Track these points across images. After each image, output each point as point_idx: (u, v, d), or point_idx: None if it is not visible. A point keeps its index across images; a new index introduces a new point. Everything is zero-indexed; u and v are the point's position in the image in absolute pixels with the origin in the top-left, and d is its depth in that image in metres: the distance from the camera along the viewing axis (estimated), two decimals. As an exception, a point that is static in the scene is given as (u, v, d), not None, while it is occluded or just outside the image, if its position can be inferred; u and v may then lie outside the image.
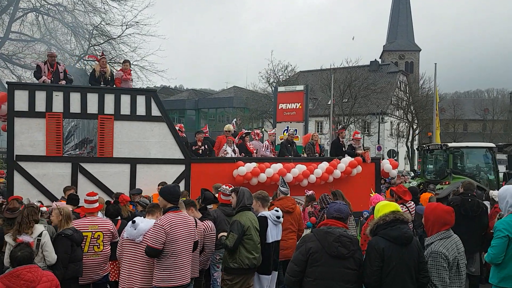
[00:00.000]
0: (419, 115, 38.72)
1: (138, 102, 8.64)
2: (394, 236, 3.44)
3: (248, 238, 4.74)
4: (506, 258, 4.06)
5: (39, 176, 8.09)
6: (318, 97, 40.73)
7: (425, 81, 40.78)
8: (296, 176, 9.24)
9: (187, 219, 4.54)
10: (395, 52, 63.76)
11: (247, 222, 4.75)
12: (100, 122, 8.38)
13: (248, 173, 8.87)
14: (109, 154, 8.48)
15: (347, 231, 3.50)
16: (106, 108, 8.46)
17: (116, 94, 8.55)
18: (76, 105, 8.31)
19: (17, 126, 8.01)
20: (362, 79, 35.94)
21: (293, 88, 27.10)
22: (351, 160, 9.83)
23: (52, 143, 8.13)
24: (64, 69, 9.06)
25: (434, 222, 3.70)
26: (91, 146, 8.58)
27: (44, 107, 8.14)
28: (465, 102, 62.15)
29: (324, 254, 3.33)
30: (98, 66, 8.91)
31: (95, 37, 25.74)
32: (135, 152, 8.63)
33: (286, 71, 34.82)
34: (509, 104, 64.15)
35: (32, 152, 8.06)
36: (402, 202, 6.07)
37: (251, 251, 4.73)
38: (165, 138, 8.85)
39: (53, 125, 8.10)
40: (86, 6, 24.98)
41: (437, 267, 3.49)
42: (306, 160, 9.93)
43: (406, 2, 65.69)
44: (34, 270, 3.60)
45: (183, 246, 4.40)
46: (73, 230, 4.80)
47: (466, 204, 6.14)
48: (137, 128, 8.58)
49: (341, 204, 3.65)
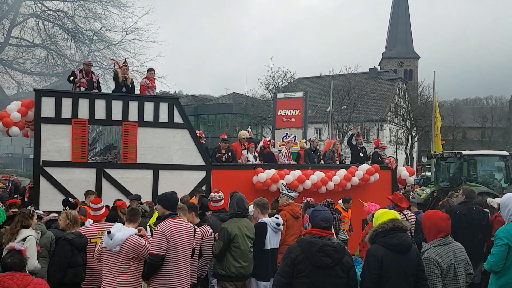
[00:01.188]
0: (418, 122, 39.35)
1: (161, 109, 8.85)
2: (393, 244, 3.48)
3: (235, 246, 4.73)
4: (505, 265, 4.12)
5: (64, 182, 8.26)
6: (317, 104, 41.33)
7: (424, 89, 41.63)
8: (314, 183, 9.42)
9: (186, 225, 4.63)
10: (394, 60, 64.61)
11: (234, 230, 4.74)
12: (124, 128, 8.58)
13: (268, 179, 9.07)
14: (133, 160, 8.66)
15: (331, 239, 3.49)
16: (130, 115, 8.66)
17: (140, 101, 8.78)
18: (101, 111, 8.50)
19: (44, 132, 8.20)
20: (361, 86, 36.61)
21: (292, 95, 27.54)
22: (369, 168, 10.00)
23: (78, 149, 8.34)
24: (98, 78, 9.37)
25: (430, 229, 3.80)
26: (115, 152, 8.87)
27: (70, 114, 8.35)
28: (464, 109, 62.81)
29: (308, 264, 3.32)
30: (120, 73, 9.15)
31: (95, 42, 26.22)
32: (158, 158, 8.82)
33: (285, 77, 35.56)
34: (508, 111, 64.98)
35: (58, 157, 8.25)
36: (399, 210, 6.17)
37: (238, 259, 4.73)
38: (186, 145, 9.07)
39: (78, 131, 8.31)
40: (86, 12, 25.53)
41: (429, 273, 3.57)
42: (324, 167, 10.14)
43: (405, 10, 66.74)
44: (17, 277, 3.50)
45: (183, 252, 4.48)
46: (76, 235, 4.79)
47: (472, 213, 6.12)
48: (160, 134, 8.80)
49: (326, 212, 3.63)
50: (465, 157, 13.64)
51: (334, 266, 3.31)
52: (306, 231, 3.69)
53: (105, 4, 25.15)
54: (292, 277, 3.36)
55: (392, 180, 10.52)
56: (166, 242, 4.29)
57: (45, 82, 27.66)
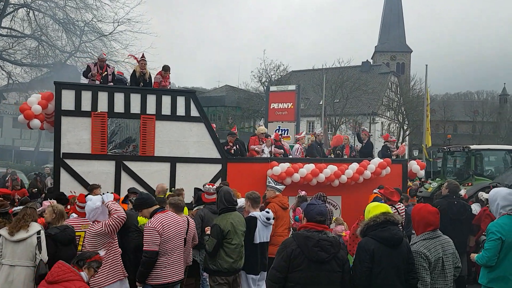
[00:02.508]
0: (409, 116, 40.31)
1: (178, 102, 9.08)
2: (384, 238, 3.58)
3: (227, 242, 4.81)
4: (498, 259, 4.20)
5: (84, 174, 8.45)
6: (310, 97, 42.09)
7: (416, 82, 42.60)
8: (328, 177, 9.69)
9: (176, 217, 4.81)
10: (386, 53, 65.65)
11: (227, 226, 4.81)
12: (143, 121, 8.77)
13: (283, 172, 9.32)
14: (151, 153, 8.85)
15: (327, 233, 3.55)
16: (148, 108, 8.85)
17: (158, 94, 8.96)
18: (120, 105, 8.68)
19: (64, 125, 8.39)
20: (354, 79, 37.55)
21: (285, 88, 28.28)
22: (381, 161, 10.29)
23: (97, 142, 8.53)
24: (113, 71, 9.53)
25: (419, 222, 3.92)
26: (133, 145, 9.13)
27: (89, 107, 8.53)
28: (455, 103, 64.19)
29: (305, 259, 3.38)
30: (138, 67, 9.27)
31: (86, 33, 26.26)
32: (175, 151, 9.02)
33: (278, 70, 36.12)
34: (498, 106, 66.55)
35: (78, 150, 8.46)
36: (391, 204, 6.25)
37: (230, 254, 4.82)
38: (203, 138, 9.27)
39: (98, 124, 8.49)
40: (77, 2, 25.51)
41: (417, 266, 3.70)
42: (337, 161, 10.47)
43: (398, 3, 67.78)
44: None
45: (175, 244, 4.66)
46: (60, 229, 4.79)
47: (453, 207, 6.21)
48: (177, 128, 9.02)
49: (321, 206, 3.70)
50: (473, 151, 14.12)
51: (330, 261, 3.40)
52: (301, 225, 3.72)
53: None
54: (288, 271, 3.42)
55: (402, 174, 10.80)
56: (159, 237, 4.49)
57: (35, 73, 27.74)
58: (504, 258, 4.16)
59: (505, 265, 4.15)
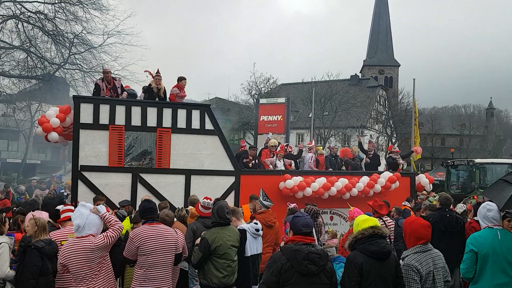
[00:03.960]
0: (398, 129, 41.73)
1: (193, 116, 9.38)
2: (373, 251, 3.65)
3: (217, 256, 4.78)
4: (477, 273, 4.38)
5: (101, 186, 8.67)
6: (299, 110, 43.34)
7: (404, 96, 44.20)
8: (339, 190, 10.05)
9: (164, 231, 4.74)
10: (375, 67, 67.91)
11: (216, 240, 4.79)
12: (159, 134, 9.08)
13: (295, 186, 9.64)
14: (166, 166, 9.11)
15: (315, 245, 3.66)
16: (164, 121, 9.16)
17: (174, 108, 9.27)
18: (137, 118, 8.97)
19: (82, 138, 8.62)
20: (343, 92, 39.12)
21: (275, 101, 29.33)
22: (390, 175, 10.69)
23: (115, 154, 8.80)
24: (121, 83, 9.81)
25: (410, 235, 3.99)
26: (149, 157, 9.28)
27: (107, 120, 8.79)
28: (442, 117, 66.27)
29: (294, 272, 3.46)
30: (153, 82, 9.55)
31: (76, 45, 26.69)
32: (190, 163, 9.30)
33: (268, 83, 37.11)
34: (485, 119, 68.84)
35: (96, 162, 8.70)
36: (379, 216, 6.41)
37: (220, 269, 4.78)
38: (217, 151, 9.57)
39: (115, 137, 8.78)
40: (67, 14, 25.93)
41: (408, 280, 3.77)
42: (347, 174, 10.76)
43: (386, 18, 70.45)
44: None
45: (156, 258, 4.59)
46: (46, 242, 4.81)
47: (445, 220, 6.28)
48: (192, 141, 9.33)
49: (306, 217, 3.78)
50: (477, 165, 15.17)
51: (319, 273, 3.50)
52: (288, 239, 3.80)
53: (86, 7, 25.80)
54: (278, 286, 3.51)
55: (411, 187, 11.19)
56: (134, 248, 4.56)
57: (24, 85, 28.01)
58: (483, 271, 4.35)
59: (485, 278, 4.34)
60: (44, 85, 27.75)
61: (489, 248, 4.33)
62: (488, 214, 4.60)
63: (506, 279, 4.30)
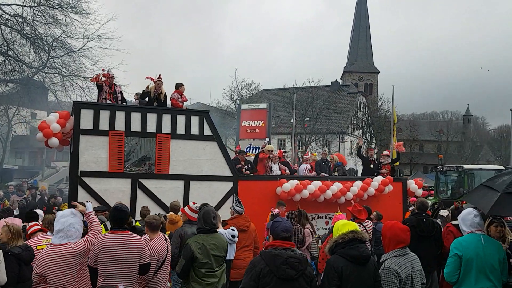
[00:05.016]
0: (377, 135, 43.18)
1: (192, 122, 9.58)
2: (353, 256, 3.76)
3: (198, 265, 4.71)
4: (460, 277, 4.53)
5: (101, 191, 8.78)
6: (281, 115, 44.29)
7: (383, 102, 45.80)
8: (334, 193, 10.42)
9: (127, 240, 4.54)
10: (355, 74, 70.15)
11: (197, 247, 4.70)
12: (158, 140, 9.25)
13: (292, 189, 9.97)
14: (166, 171, 9.28)
15: (295, 250, 3.71)
16: (164, 127, 9.32)
17: (173, 114, 9.43)
18: (136, 124, 9.12)
19: (82, 144, 8.72)
20: (324, 99, 40.16)
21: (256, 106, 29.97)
22: (383, 179, 11.16)
23: (114, 160, 8.92)
24: (121, 90, 9.96)
25: (390, 239, 4.12)
26: (149, 163, 9.50)
27: (107, 126, 8.91)
28: (421, 123, 68.61)
29: (273, 277, 3.52)
30: (153, 87, 9.69)
31: (55, 49, 26.65)
32: (189, 169, 9.47)
33: (249, 88, 37.98)
34: (463, 126, 71.43)
35: (96, 168, 8.80)
36: (359, 222, 6.60)
37: (202, 278, 4.71)
38: (215, 156, 9.78)
39: (115, 143, 8.91)
40: (46, 17, 25.86)
41: (388, 283, 3.89)
42: (341, 179, 11.13)
43: (366, 25, 72.82)
44: None
45: (116, 269, 4.46)
46: (22, 249, 4.77)
47: (422, 225, 6.43)
48: (191, 146, 9.52)
49: (286, 222, 3.84)
50: (466, 170, 15.86)
51: (298, 278, 3.56)
52: (268, 244, 3.86)
53: (66, 11, 25.89)
54: None
55: (403, 191, 11.59)
56: (95, 256, 4.46)
57: (1, 89, 27.86)
58: (467, 275, 4.49)
59: (469, 282, 4.49)
60: (22, 89, 27.63)
61: (473, 253, 4.49)
62: (475, 220, 4.75)
63: (488, 284, 4.47)
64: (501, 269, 4.59)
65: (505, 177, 4.87)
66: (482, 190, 5.09)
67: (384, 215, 9.31)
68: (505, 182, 4.68)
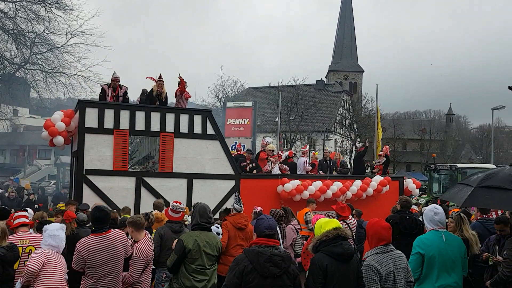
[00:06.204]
0: (361, 133, 44.25)
1: (195, 121, 9.93)
2: (337, 253, 3.84)
3: (189, 261, 4.80)
4: (423, 275, 4.66)
5: (105, 189, 9.10)
6: (266, 114, 45.05)
7: (368, 101, 47.11)
8: (334, 193, 10.88)
9: (112, 240, 4.75)
10: (339, 73, 71.63)
11: (190, 243, 4.80)
12: (162, 139, 9.56)
13: (293, 189, 10.36)
14: (169, 169, 9.61)
15: (278, 248, 3.79)
16: (167, 126, 9.64)
17: (176, 113, 9.76)
18: (140, 123, 9.45)
19: (87, 142, 9.03)
20: (309, 97, 41.03)
21: (242, 104, 30.73)
22: (381, 179, 11.73)
23: (119, 158, 9.22)
24: (126, 90, 10.14)
25: (372, 236, 4.25)
26: (153, 161, 9.75)
27: (112, 125, 9.23)
28: (404, 122, 70.37)
29: (257, 275, 3.58)
30: (155, 87, 9.97)
31: (38, 45, 26.91)
32: (192, 167, 9.83)
33: (235, 87, 38.82)
34: (445, 125, 73.52)
35: (100, 166, 9.09)
36: (342, 219, 6.85)
37: (191, 273, 4.80)
38: (218, 155, 10.12)
39: (120, 142, 9.20)
40: (28, 13, 26.05)
41: (367, 280, 3.99)
42: (342, 178, 11.59)
43: (351, 25, 74.50)
44: None
45: (105, 269, 4.65)
46: (7, 249, 4.75)
47: (404, 222, 6.59)
48: (194, 145, 9.87)
49: (270, 220, 3.91)
50: (459, 169, 16.65)
51: (281, 275, 3.65)
52: (252, 241, 3.93)
53: (49, 6, 26.01)
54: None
55: (399, 190, 12.09)
56: (82, 261, 4.60)
57: (-18, 85, 27.81)
58: (429, 272, 4.65)
59: (430, 279, 4.66)
60: (4, 85, 27.63)
61: (436, 250, 4.66)
62: (435, 218, 4.89)
63: (450, 280, 4.67)
64: (462, 264, 4.83)
65: (479, 174, 5.14)
66: (458, 187, 5.34)
67: (381, 213, 9.67)
68: (479, 178, 4.96)
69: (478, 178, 4.98)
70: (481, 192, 4.76)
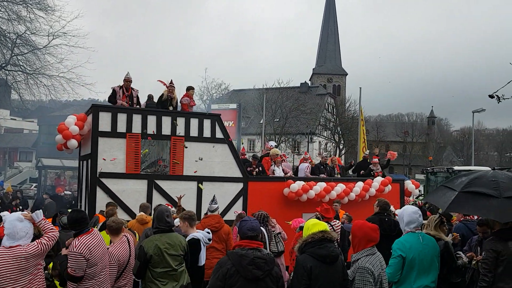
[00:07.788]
0: (345, 136, 45.80)
1: (204, 125, 10.28)
2: (322, 255, 3.95)
3: (153, 265, 4.86)
4: (401, 277, 4.75)
5: (118, 192, 9.32)
6: (251, 116, 45.90)
7: (351, 104, 48.72)
8: (339, 194, 11.17)
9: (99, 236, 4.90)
10: (323, 75, 73.59)
11: (150, 249, 4.85)
12: (173, 142, 9.90)
13: (299, 190, 10.73)
14: (180, 172, 9.89)
15: (262, 250, 3.85)
16: (178, 130, 9.97)
17: (186, 117, 10.11)
18: (152, 126, 9.72)
19: (101, 146, 9.25)
20: (293, 100, 42.31)
21: (226, 106, 31.61)
22: (383, 180, 12.13)
23: (131, 162, 9.46)
24: (137, 94, 10.44)
25: (361, 239, 4.32)
26: (164, 164, 10.01)
27: (124, 128, 9.47)
28: (387, 124, 72.59)
29: (240, 278, 3.65)
30: (166, 91, 10.35)
31: (19, 46, 26.90)
32: (201, 170, 10.12)
33: (219, 89, 39.77)
34: (427, 127, 76.01)
35: (113, 169, 9.33)
36: (327, 221, 6.95)
37: (158, 278, 4.86)
38: (226, 158, 10.45)
39: (132, 145, 9.48)
40: (9, 13, 26.09)
41: (364, 282, 4.06)
42: (344, 180, 12.05)
43: (335, 28, 76.66)
44: None
45: (102, 265, 4.80)
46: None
47: (384, 224, 6.70)
48: (204, 148, 10.22)
49: (253, 221, 3.99)
50: (456, 172, 17.12)
51: (264, 278, 3.72)
52: (236, 244, 3.99)
53: (30, 7, 26.07)
54: None
55: (400, 191, 12.53)
56: (85, 262, 4.61)
57: (-38, 86, 27.75)
58: (408, 274, 4.75)
59: (409, 280, 4.75)
60: (-14, 86, 27.79)
61: (415, 252, 4.76)
62: (419, 219, 5.02)
63: (427, 281, 4.78)
64: (437, 264, 4.96)
65: (463, 178, 5.20)
66: (442, 190, 5.35)
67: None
68: (463, 182, 5.02)
69: (462, 182, 5.05)
70: (465, 198, 4.86)
